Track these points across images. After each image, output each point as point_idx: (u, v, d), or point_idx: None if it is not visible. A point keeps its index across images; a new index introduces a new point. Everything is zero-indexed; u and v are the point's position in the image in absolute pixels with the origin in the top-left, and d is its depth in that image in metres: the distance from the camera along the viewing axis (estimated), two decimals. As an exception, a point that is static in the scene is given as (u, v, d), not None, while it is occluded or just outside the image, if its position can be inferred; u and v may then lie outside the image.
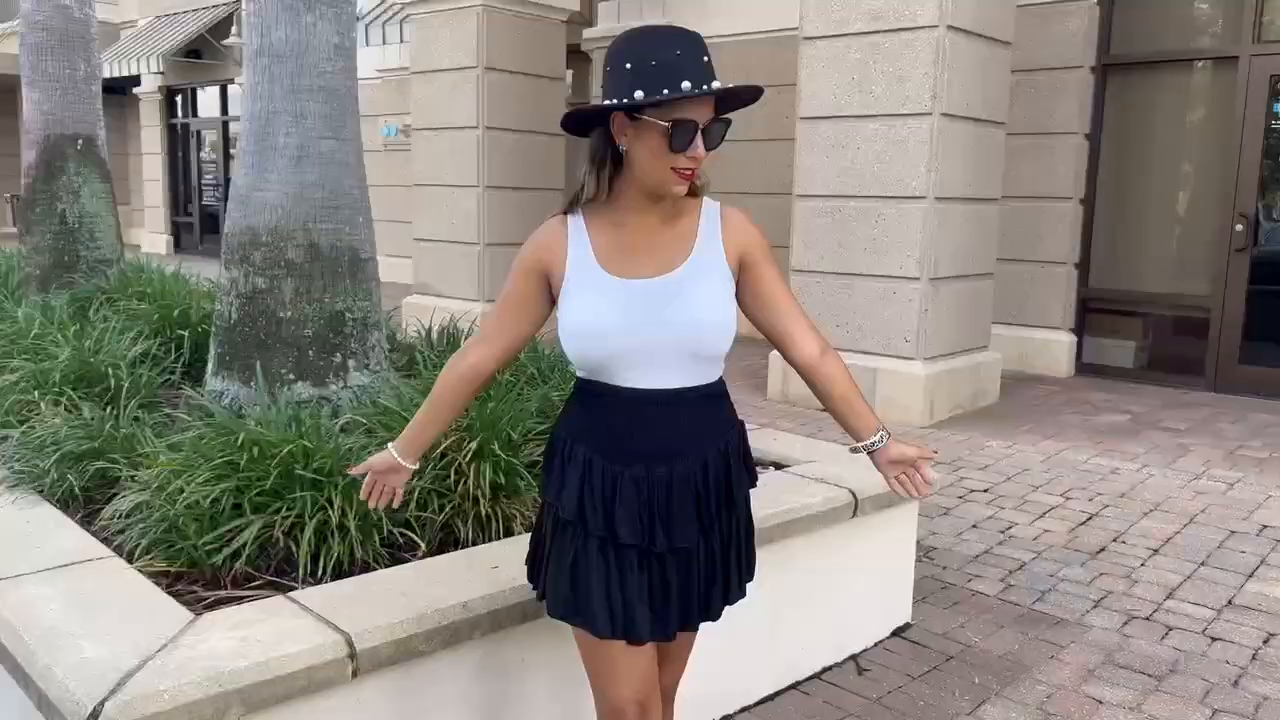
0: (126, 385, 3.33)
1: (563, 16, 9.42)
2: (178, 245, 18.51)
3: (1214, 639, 3.34)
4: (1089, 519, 4.50)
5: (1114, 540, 4.24)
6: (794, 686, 2.99)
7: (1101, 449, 5.65)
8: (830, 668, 3.11)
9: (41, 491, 2.75)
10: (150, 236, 18.66)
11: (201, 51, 16.12)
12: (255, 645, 1.90)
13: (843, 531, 3.07)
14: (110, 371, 3.44)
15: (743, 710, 2.85)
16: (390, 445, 1.96)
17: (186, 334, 4.16)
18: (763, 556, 2.22)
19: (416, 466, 1.98)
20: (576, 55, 10.87)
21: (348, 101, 3.57)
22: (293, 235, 3.40)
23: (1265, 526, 4.42)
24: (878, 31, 6.04)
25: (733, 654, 2.74)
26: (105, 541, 2.45)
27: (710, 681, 2.60)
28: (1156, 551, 4.12)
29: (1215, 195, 7.24)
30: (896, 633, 3.36)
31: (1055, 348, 7.75)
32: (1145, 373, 7.57)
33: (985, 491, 4.87)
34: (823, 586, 3.08)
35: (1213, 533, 4.34)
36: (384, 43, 12.01)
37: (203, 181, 17.96)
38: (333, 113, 3.49)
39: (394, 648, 2.02)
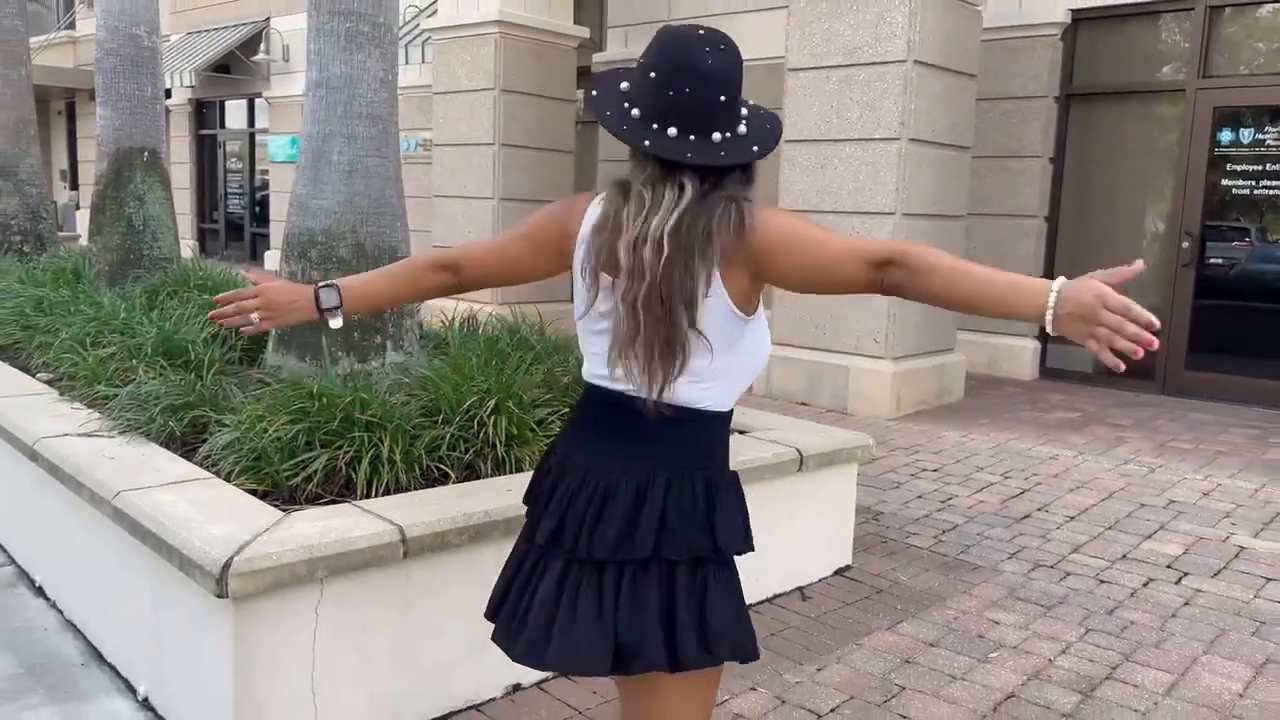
0: (205, 358, 4.04)
1: (574, 43, 10.18)
2: (203, 251, 19.28)
3: (1102, 581, 4.02)
4: (1021, 493, 5.18)
5: (1038, 509, 4.92)
6: (749, 607, 3.66)
7: (1047, 439, 6.33)
8: (780, 595, 3.79)
9: (148, 435, 3.44)
10: (176, 242, 19.41)
11: (230, 66, 16.92)
12: (333, 531, 2.59)
13: (790, 483, 3.76)
14: (190, 347, 4.15)
15: (705, 622, 3.53)
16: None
17: (245, 320, 4.86)
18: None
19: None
20: (586, 77, 11.62)
21: (390, 125, 4.29)
22: (343, 236, 4.11)
23: (1173, 501, 5.09)
24: (853, 65, 6.76)
25: (696, 575, 3.42)
26: (205, 469, 3.15)
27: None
28: (1073, 518, 4.79)
29: (1165, 214, 7.93)
30: (838, 572, 4.04)
31: (1021, 353, 8.44)
32: (1102, 377, 8.25)
33: (935, 471, 5.55)
34: (774, 528, 3.75)
35: (1125, 505, 5.01)
36: (405, 62, 12.77)
37: (228, 190, 18.75)
38: (378, 135, 4.21)
39: (433, 538, 2.71)
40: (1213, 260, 7.75)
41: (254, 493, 2.99)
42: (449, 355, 4.09)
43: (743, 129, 1.64)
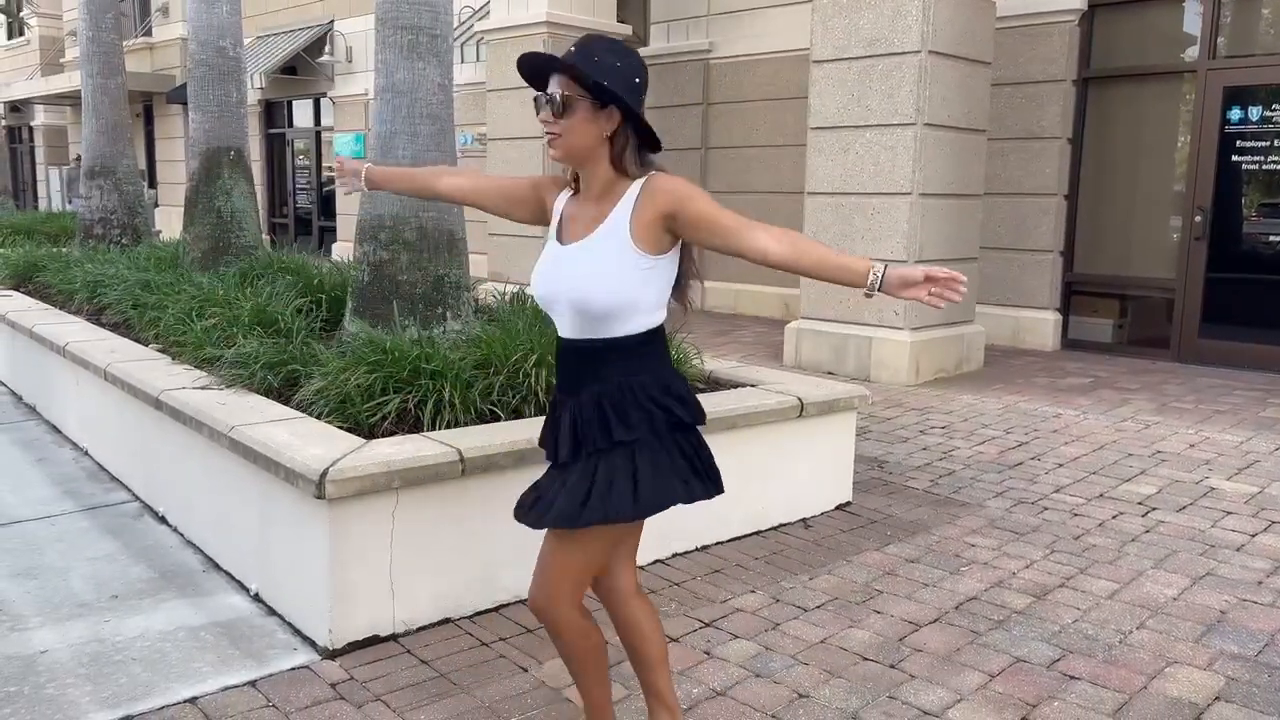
0: (293, 327, 4.73)
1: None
2: (274, 243, 20.28)
3: (1076, 515, 4.53)
4: (1019, 445, 5.68)
5: (1032, 458, 5.42)
6: (756, 533, 4.26)
7: (1054, 401, 6.79)
8: (785, 524, 4.37)
9: (250, 387, 4.14)
10: (248, 236, 20.42)
11: (297, 68, 17.82)
12: (406, 452, 3.24)
13: (792, 427, 4.33)
14: (280, 317, 4.85)
15: (718, 543, 4.12)
16: (369, 166, 2.67)
17: (323, 297, 5.56)
18: (732, 440, 3.56)
19: (365, 189, 2.69)
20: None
21: (447, 124, 4.93)
22: (408, 221, 4.77)
23: (1159, 452, 5.56)
24: (872, 55, 7.26)
25: (711, 505, 4.00)
26: (299, 410, 3.83)
27: (694, 521, 3.86)
28: (1061, 465, 5.29)
29: (1179, 190, 8.30)
30: (839, 507, 4.61)
31: (1042, 325, 8.87)
32: (1121, 347, 8.66)
33: (943, 428, 6.07)
34: (780, 466, 4.34)
35: (1114, 455, 5.49)
36: (462, 61, 13.48)
37: (297, 186, 19.71)
38: (436, 133, 4.86)
39: (485, 460, 3.35)
40: (1224, 233, 8.10)
41: (340, 428, 3.66)
42: (498, 322, 4.74)
43: None
